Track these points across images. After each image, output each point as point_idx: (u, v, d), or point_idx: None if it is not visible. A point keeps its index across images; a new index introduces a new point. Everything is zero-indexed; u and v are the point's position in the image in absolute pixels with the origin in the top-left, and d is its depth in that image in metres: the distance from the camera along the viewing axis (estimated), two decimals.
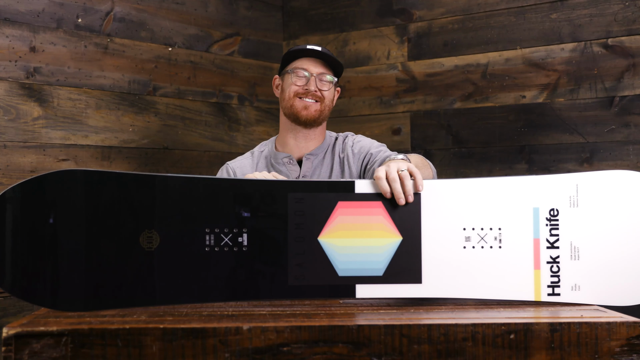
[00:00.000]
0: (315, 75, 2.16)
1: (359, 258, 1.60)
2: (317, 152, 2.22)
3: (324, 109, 2.19)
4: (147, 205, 1.56)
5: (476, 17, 2.89)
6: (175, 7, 2.86)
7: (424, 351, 1.35)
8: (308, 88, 2.16)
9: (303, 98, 2.16)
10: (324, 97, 2.18)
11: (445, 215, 1.63)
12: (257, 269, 1.57)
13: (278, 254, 1.58)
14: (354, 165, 2.19)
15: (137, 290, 1.53)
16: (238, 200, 1.59)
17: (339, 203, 1.62)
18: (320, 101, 2.17)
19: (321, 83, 2.17)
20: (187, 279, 1.55)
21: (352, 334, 1.35)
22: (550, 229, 1.63)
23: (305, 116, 2.16)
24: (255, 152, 2.28)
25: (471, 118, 2.89)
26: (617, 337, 1.38)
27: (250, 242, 1.58)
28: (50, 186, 1.52)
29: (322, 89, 2.17)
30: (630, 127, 2.60)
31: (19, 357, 1.30)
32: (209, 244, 1.56)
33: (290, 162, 2.19)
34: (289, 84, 2.18)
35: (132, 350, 1.32)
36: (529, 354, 1.37)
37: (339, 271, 1.59)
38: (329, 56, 2.18)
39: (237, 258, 1.57)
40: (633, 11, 2.60)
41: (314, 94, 2.16)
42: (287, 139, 2.22)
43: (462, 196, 1.65)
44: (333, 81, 2.19)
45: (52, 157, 2.45)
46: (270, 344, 1.33)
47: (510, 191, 1.65)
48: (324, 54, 2.18)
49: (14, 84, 2.36)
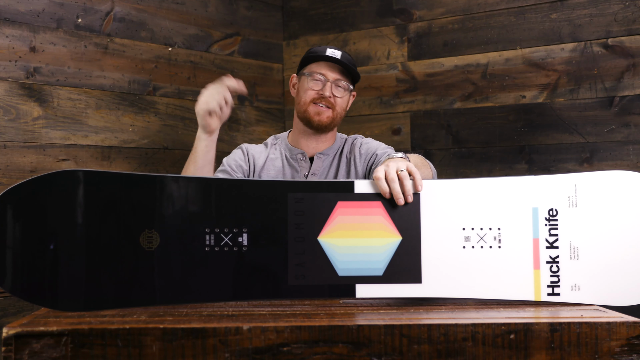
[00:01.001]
0: (331, 81, 2.20)
1: (359, 258, 1.60)
2: (328, 152, 2.27)
3: (336, 116, 2.23)
4: (147, 206, 1.56)
5: (476, 17, 2.89)
6: (175, 7, 2.86)
7: (424, 351, 1.35)
8: (323, 93, 2.19)
9: (317, 104, 2.20)
10: (336, 104, 2.22)
11: (445, 215, 1.63)
12: (257, 269, 1.57)
13: (278, 254, 1.58)
14: (360, 166, 2.22)
15: (137, 290, 1.53)
16: (238, 201, 1.59)
17: (339, 203, 1.62)
18: (332, 108, 2.21)
19: (336, 89, 2.21)
20: (187, 278, 1.55)
21: (352, 334, 1.35)
22: (550, 229, 1.63)
23: (318, 122, 2.21)
24: (269, 143, 2.32)
25: (471, 118, 2.89)
26: (617, 337, 1.38)
27: (250, 242, 1.58)
28: (51, 186, 1.52)
29: (336, 95, 2.21)
30: (630, 127, 2.60)
31: (19, 357, 1.30)
32: (209, 244, 1.56)
33: (303, 158, 2.25)
34: (305, 88, 2.22)
35: (132, 350, 1.32)
36: (529, 354, 1.37)
37: (338, 271, 1.59)
38: (347, 64, 2.20)
39: (237, 258, 1.57)
40: (633, 11, 2.60)
41: (327, 99, 2.20)
42: (299, 138, 2.28)
43: (461, 196, 1.65)
44: (348, 88, 2.23)
45: (52, 157, 2.45)
46: (270, 344, 1.33)
47: (510, 191, 1.65)
48: (342, 61, 2.19)
49: (14, 84, 2.36)
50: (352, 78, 2.24)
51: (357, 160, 2.23)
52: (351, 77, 2.24)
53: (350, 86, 2.24)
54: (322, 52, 2.21)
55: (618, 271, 1.62)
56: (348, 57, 2.24)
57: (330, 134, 2.28)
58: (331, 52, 2.21)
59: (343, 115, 2.27)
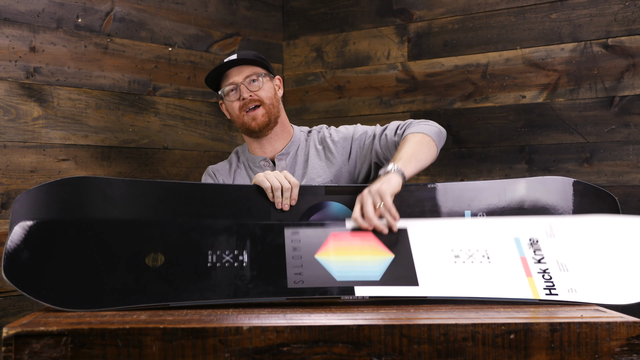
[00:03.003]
0: (241, 82, 2.14)
1: (356, 268, 1.65)
2: (288, 150, 2.22)
3: (270, 109, 2.17)
4: (152, 228, 1.66)
5: (476, 17, 2.89)
6: (175, 7, 2.86)
7: (424, 351, 1.35)
8: (243, 97, 2.14)
9: (246, 110, 2.14)
10: (262, 97, 2.15)
11: (433, 242, 1.71)
12: (257, 277, 1.61)
13: (277, 267, 1.63)
14: (338, 155, 2.18)
15: (137, 293, 1.56)
16: (237, 234, 1.69)
17: (332, 234, 1.72)
18: (261, 102, 2.15)
19: (251, 85, 2.14)
20: (188, 285, 1.59)
21: (352, 334, 1.35)
22: (534, 250, 1.70)
23: (256, 126, 2.15)
24: (233, 158, 2.28)
25: (471, 118, 2.89)
26: (617, 337, 1.38)
27: (251, 260, 1.64)
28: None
29: (253, 90, 2.14)
30: (630, 127, 2.60)
31: (19, 357, 1.30)
32: (211, 261, 1.63)
33: (266, 163, 2.20)
34: (229, 105, 2.17)
35: (132, 350, 1.32)
36: (529, 354, 1.37)
37: (336, 277, 1.61)
38: (244, 57, 2.15)
39: (238, 270, 1.62)
40: (633, 11, 2.60)
41: (251, 99, 2.14)
42: (254, 146, 2.23)
43: (446, 230, 1.75)
44: (261, 74, 2.16)
45: (52, 157, 2.45)
46: (270, 344, 1.33)
47: (491, 227, 1.75)
48: (238, 58, 2.15)
49: (14, 84, 2.36)
50: (260, 65, 2.17)
51: (333, 150, 2.19)
52: (258, 65, 2.17)
53: (262, 71, 2.16)
54: (220, 65, 2.16)
55: (610, 274, 1.64)
56: (246, 52, 2.19)
57: (280, 131, 2.21)
58: (227, 59, 2.17)
59: (278, 104, 2.19)
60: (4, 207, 2.32)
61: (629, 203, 2.58)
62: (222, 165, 2.28)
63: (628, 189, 2.60)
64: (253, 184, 1.84)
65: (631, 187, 2.59)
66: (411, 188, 1.84)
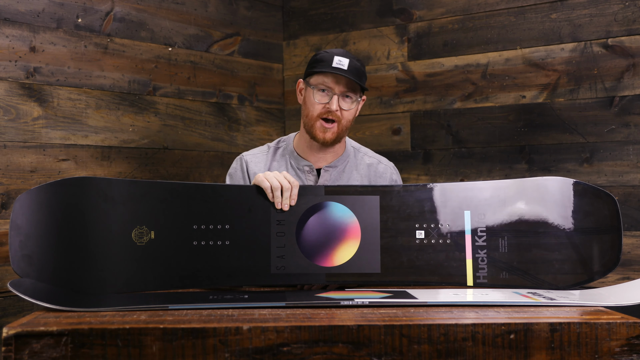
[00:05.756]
0: (338, 94, 2.11)
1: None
2: (336, 164, 2.20)
3: (342, 130, 2.15)
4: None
5: (476, 17, 2.89)
6: (175, 7, 2.86)
7: (424, 351, 1.35)
8: (330, 107, 2.10)
9: (324, 119, 2.12)
10: (343, 117, 2.13)
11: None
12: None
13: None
14: (357, 182, 2.20)
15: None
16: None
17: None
18: (338, 121, 2.12)
19: (343, 102, 2.12)
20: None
21: (352, 334, 1.35)
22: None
23: (322, 139, 2.13)
24: (272, 147, 2.25)
25: (471, 118, 2.89)
26: (617, 337, 1.38)
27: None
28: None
29: (343, 108, 2.12)
30: (630, 127, 2.60)
31: (19, 357, 1.30)
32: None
33: (310, 171, 2.18)
34: (311, 101, 2.13)
35: (132, 350, 1.32)
36: (529, 354, 1.37)
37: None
38: (355, 73, 2.11)
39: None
40: (633, 11, 2.60)
41: (334, 113, 2.11)
42: (306, 148, 2.20)
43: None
44: (357, 100, 2.15)
45: (52, 157, 2.45)
46: (270, 344, 1.33)
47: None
48: (349, 73, 2.10)
49: (13, 84, 2.36)
50: (361, 86, 2.15)
51: (357, 175, 2.21)
52: (360, 85, 2.14)
53: (358, 95, 2.15)
54: (329, 62, 2.11)
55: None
56: (356, 63, 2.13)
57: (338, 146, 2.21)
58: (338, 61, 2.11)
59: (350, 125, 2.18)
60: (4, 207, 2.32)
61: (629, 203, 2.58)
62: (259, 151, 2.25)
63: (628, 189, 2.60)
64: (253, 184, 1.85)
65: (631, 187, 2.59)
66: (411, 188, 1.84)
